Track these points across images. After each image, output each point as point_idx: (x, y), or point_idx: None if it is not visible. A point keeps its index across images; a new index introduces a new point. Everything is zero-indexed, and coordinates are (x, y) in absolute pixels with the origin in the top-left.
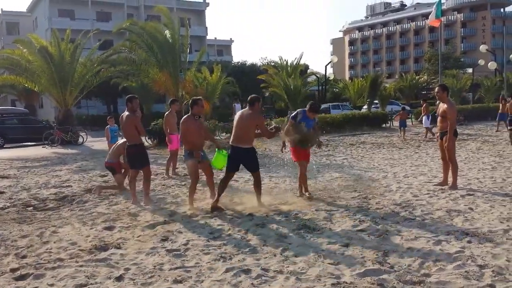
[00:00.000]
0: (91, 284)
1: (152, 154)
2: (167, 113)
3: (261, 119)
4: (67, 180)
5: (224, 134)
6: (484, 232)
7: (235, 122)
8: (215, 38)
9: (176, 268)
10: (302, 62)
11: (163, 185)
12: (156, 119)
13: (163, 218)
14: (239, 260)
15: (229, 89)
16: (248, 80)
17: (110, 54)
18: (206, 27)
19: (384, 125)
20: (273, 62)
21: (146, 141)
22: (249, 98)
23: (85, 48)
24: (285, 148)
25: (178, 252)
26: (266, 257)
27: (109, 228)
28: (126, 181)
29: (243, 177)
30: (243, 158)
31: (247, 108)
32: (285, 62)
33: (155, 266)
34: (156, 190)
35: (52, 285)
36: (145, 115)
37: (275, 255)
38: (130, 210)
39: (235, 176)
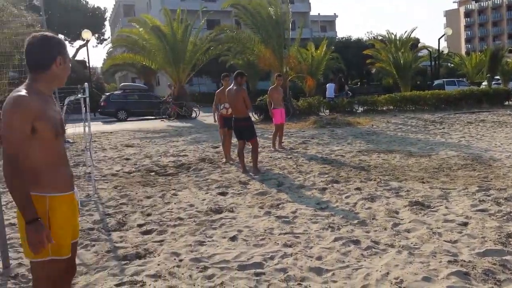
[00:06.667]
0: (208, 241)
1: (258, 128)
2: (271, 87)
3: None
4: (183, 150)
5: (327, 111)
6: None
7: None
8: (319, 13)
9: (286, 233)
10: (412, 35)
11: (270, 157)
12: (261, 95)
13: (271, 187)
14: (347, 231)
15: (333, 65)
16: (353, 56)
17: (218, 33)
18: (309, 3)
19: (507, 103)
20: (380, 36)
21: (253, 116)
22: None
23: (194, 27)
24: None
25: (287, 219)
26: (376, 230)
27: (222, 194)
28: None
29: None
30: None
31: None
32: (393, 36)
33: (265, 230)
34: (263, 161)
35: (174, 239)
36: (250, 92)
37: (385, 229)
38: (241, 179)
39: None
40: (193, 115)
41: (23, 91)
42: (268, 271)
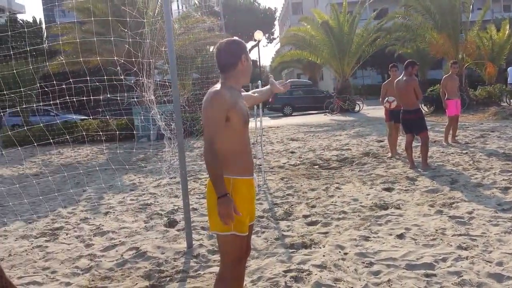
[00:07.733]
0: (373, 237)
1: (428, 121)
2: (445, 76)
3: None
4: (347, 144)
5: (511, 100)
6: None
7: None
8: None
9: (460, 235)
10: None
11: (442, 152)
12: (432, 86)
13: (443, 185)
14: None
15: None
16: None
17: (385, 21)
18: None
19: None
20: None
21: (422, 108)
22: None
23: (361, 19)
24: None
25: (462, 220)
26: None
27: (388, 189)
28: (402, 146)
29: None
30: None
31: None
32: None
33: (437, 230)
34: (434, 157)
35: (339, 232)
36: (420, 82)
37: None
38: (408, 175)
39: None
40: (357, 108)
41: (219, 87)
42: (439, 273)
